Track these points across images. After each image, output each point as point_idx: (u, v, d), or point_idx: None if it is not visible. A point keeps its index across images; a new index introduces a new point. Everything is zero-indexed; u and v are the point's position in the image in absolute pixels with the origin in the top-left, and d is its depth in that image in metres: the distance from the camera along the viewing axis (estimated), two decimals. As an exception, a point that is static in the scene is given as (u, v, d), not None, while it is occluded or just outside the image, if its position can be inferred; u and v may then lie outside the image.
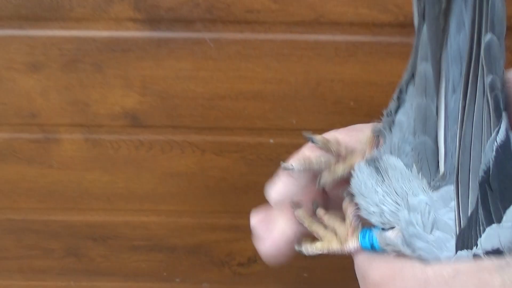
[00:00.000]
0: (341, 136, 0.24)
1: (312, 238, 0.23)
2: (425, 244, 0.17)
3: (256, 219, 0.26)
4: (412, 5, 0.19)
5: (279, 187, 0.25)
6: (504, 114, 0.15)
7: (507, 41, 0.19)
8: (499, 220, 0.16)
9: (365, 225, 0.21)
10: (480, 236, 0.16)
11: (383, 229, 0.19)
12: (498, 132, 0.15)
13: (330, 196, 0.24)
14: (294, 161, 0.24)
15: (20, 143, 0.52)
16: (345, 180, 0.22)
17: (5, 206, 0.57)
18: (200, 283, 0.62)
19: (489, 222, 0.16)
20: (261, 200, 0.56)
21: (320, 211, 0.23)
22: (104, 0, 0.43)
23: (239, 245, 0.59)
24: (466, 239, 0.17)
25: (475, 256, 0.16)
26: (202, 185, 0.55)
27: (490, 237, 0.16)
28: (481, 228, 0.16)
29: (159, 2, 0.44)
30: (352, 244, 0.20)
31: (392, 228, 0.18)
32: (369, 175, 0.19)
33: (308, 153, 0.25)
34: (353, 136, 0.23)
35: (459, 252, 0.17)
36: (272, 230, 0.24)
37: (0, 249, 0.60)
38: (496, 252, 0.16)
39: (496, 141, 0.15)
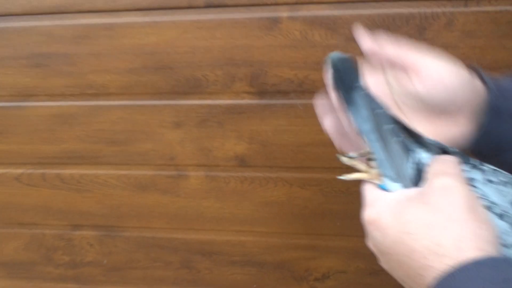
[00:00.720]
0: None
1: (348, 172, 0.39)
2: None
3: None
4: None
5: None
6: (410, 147, 0.35)
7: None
8: None
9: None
10: None
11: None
12: (410, 156, 0.34)
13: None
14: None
15: (160, 178, 0.72)
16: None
17: (141, 225, 0.76)
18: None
19: None
20: (335, 224, 0.71)
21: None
22: (229, 79, 0.64)
23: (315, 263, 0.73)
24: None
25: None
26: (288, 212, 0.71)
27: None
28: None
29: (266, 80, 0.63)
30: (377, 181, 0.36)
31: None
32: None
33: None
34: None
35: None
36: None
37: (133, 260, 0.79)
38: None
39: (412, 161, 0.34)
